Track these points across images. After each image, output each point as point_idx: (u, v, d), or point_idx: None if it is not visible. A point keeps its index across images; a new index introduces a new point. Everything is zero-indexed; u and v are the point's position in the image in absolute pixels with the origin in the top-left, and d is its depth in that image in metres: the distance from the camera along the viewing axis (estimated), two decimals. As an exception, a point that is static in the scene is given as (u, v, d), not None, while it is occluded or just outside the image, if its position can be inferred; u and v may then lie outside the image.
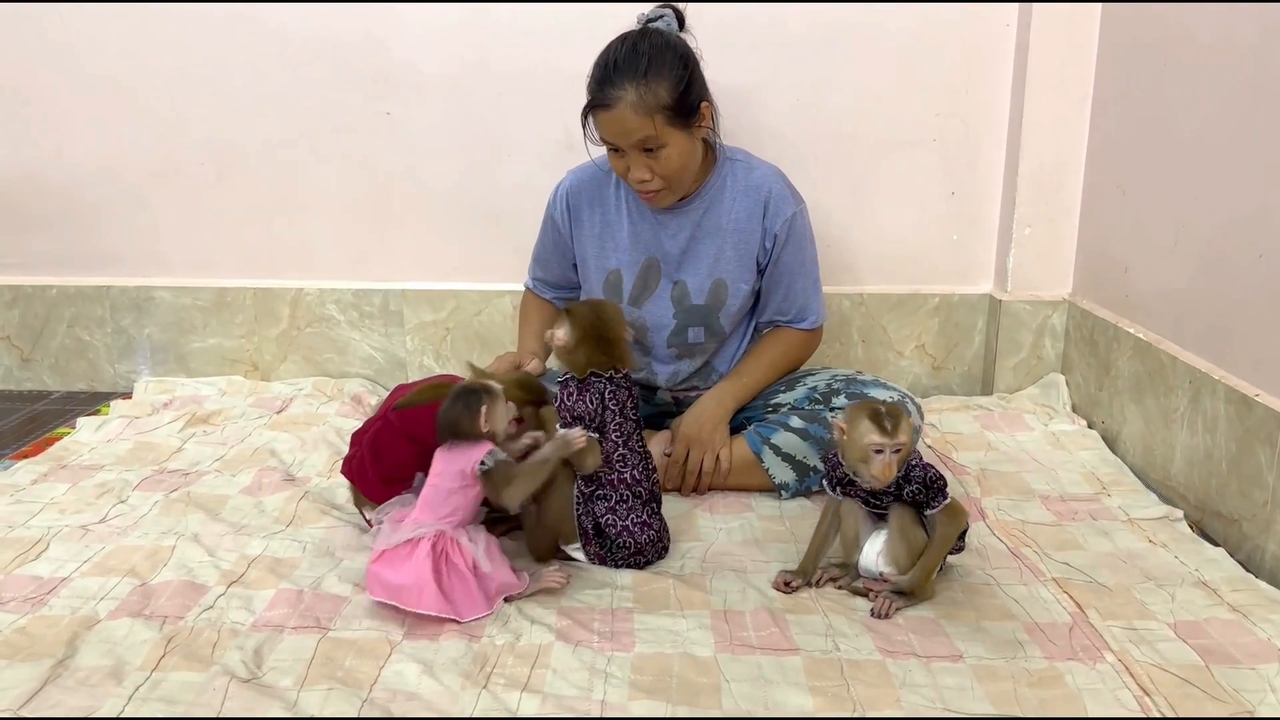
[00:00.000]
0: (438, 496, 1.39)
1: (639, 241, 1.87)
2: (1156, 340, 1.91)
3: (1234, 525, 1.62)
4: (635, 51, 1.68)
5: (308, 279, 2.50)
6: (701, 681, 1.24)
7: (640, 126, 1.66)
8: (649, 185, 1.74)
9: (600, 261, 1.90)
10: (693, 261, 1.86)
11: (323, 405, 2.31)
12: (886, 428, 1.36)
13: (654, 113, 1.66)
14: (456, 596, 1.35)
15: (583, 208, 1.90)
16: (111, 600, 1.41)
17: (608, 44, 1.73)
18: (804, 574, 1.48)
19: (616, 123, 1.67)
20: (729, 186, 1.85)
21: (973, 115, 2.33)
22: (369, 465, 1.57)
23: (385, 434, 1.58)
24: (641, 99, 1.65)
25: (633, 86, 1.65)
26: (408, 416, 1.55)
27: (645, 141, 1.68)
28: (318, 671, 1.25)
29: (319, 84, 2.36)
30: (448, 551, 1.36)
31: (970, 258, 2.42)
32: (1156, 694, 1.20)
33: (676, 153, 1.72)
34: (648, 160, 1.71)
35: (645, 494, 1.53)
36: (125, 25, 2.34)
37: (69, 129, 2.42)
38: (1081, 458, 1.98)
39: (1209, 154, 1.75)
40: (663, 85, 1.66)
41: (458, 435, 1.40)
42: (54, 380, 2.56)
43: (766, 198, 1.84)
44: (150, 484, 1.85)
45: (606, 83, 1.67)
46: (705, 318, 1.88)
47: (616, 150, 1.73)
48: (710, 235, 1.85)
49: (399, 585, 1.35)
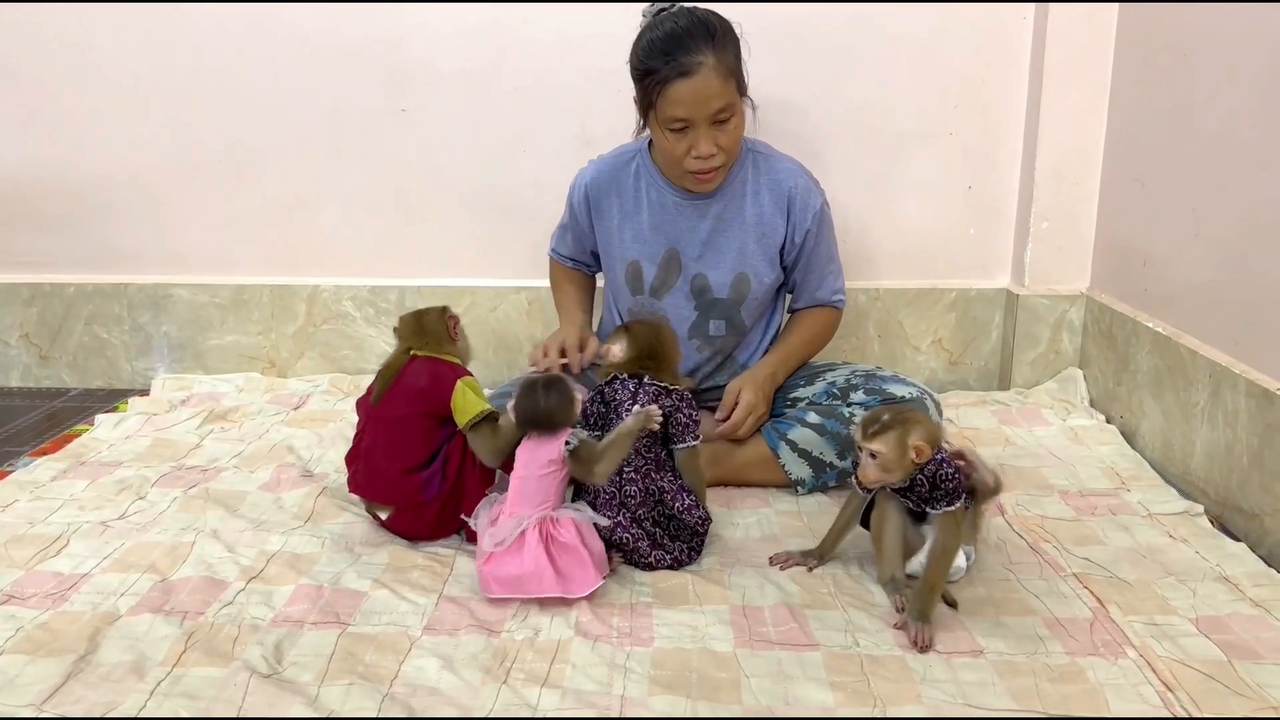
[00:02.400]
0: (528, 487, 1.44)
1: (660, 233, 1.86)
2: (1176, 334, 1.90)
3: (1255, 520, 1.61)
4: (698, 19, 1.67)
5: (324, 276, 2.50)
6: (721, 676, 1.24)
7: (723, 92, 1.65)
8: (714, 160, 1.72)
9: (621, 252, 1.90)
10: (715, 254, 1.85)
11: (339, 402, 2.32)
12: (865, 430, 1.37)
13: (730, 77, 1.66)
14: (573, 574, 1.39)
15: (603, 199, 1.90)
16: (132, 596, 1.42)
17: (648, 26, 1.71)
18: (818, 556, 1.51)
19: (700, 90, 1.64)
20: (751, 179, 1.85)
21: (990, 108, 2.31)
22: (383, 465, 1.58)
23: (384, 429, 1.59)
24: (720, 61, 1.64)
25: (710, 51, 1.63)
26: (390, 400, 1.59)
27: (722, 111, 1.67)
28: (338, 667, 1.25)
29: (336, 83, 2.36)
30: (553, 534, 1.40)
31: (988, 252, 2.41)
32: (1179, 689, 1.19)
33: (740, 123, 1.72)
34: (716, 133, 1.69)
35: (635, 507, 1.49)
36: (143, 26, 2.35)
37: (87, 128, 2.43)
38: (1100, 452, 1.97)
39: (1229, 145, 1.74)
40: (731, 50, 1.67)
41: (554, 426, 1.46)
42: (72, 378, 2.57)
43: (791, 192, 1.83)
44: (169, 480, 1.85)
45: (681, 50, 1.63)
46: (727, 311, 1.87)
47: (683, 128, 1.69)
48: (733, 228, 1.85)
49: (517, 576, 1.38)
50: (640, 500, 1.48)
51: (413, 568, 1.51)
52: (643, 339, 1.59)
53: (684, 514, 1.50)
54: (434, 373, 1.60)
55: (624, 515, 1.48)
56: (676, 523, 1.51)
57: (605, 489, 1.49)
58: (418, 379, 1.59)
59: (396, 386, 1.60)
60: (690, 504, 1.51)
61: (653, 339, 1.59)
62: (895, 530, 1.44)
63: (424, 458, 1.57)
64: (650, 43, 1.68)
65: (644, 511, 1.48)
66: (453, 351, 1.66)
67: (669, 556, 1.50)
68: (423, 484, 1.56)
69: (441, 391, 1.57)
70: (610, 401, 1.55)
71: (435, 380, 1.58)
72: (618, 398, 1.54)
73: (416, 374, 1.60)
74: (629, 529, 1.47)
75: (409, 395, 1.59)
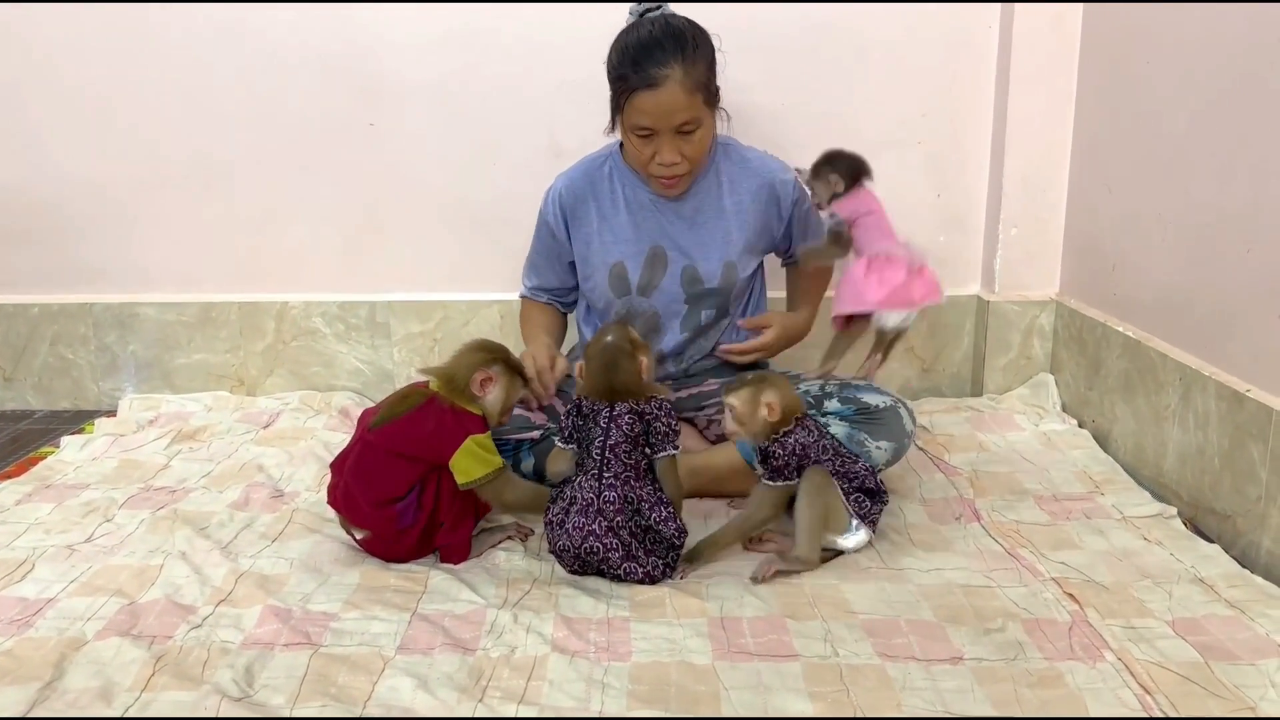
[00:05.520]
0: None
1: (641, 231, 1.87)
2: (1145, 338, 1.91)
3: (1228, 521, 1.62)
4: (672, 30, 1.67)
5: (293, 292, 2.48)
6: (700, 690, 1.23)
7: (688, 105, 1.66)
8: (677, 169, 1.73)
9: (602, 256, 1.89)
10: (701, 246, 1.86)
11: (310, 419, 2.29)
12: (726, 387, 1.58)
13: (696, 91, 1.66)
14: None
15: (577, 206, 1.89)
16: (99, 620, 1.39)
17: (627, 29, 1.72)
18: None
19: (664, 102, 1.65)
20: (724, 170, 1.87)
21: (957, 117, 2.33)
22: (357, 492, 1.55)
23: (369, 457, 1.55)
24: (688, 75, 1.64)
25: (679, 64, 1.64)
26: (387, 433, 1.54)
27: (686, 124, 1.68)
28: (310, 689, 1.23)
29: (304, 95, 2.34)
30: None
31: (957, 258, 2.42)
32: (1158, 692, 1.19)
33: (707, 134, 1.73)
34: (679, 143, 1.70)
35: (613, 515, 1.47)
36: (106, 35, 2.32)
37: (50, 142, 2.40)
38: (1073, 457, 1.98)
39: (1195, 149, 1.75)
40: (702, 63, 1.67)
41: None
42: (37, 399, 2.53)
43: (771, 184, 1.87)
44: (137, 502, 1.82)
45: (649, 62, 1.64)
46: (718, 299, 1.89)
47: (648, 135, 1.70)
48: (713, 219, 1.86)
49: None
50: (618, 508, 1.47)
51: (385, 587, 1.49)
52: (600, 366, 1.52)
53: (660, 525, 1.49)
54: (441, 423, 1.52)
55: (599, 523, 1.46)
56: (653, 535, 1.49)
57: (583, 495, 1.47)
58: (423, 424, 1.52)
59: (402, 421, 1.53)
60: (666, 515, 1.49)
61: (610, 366, 1.51)
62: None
63: (400, 493, 1.52)
64: (624, 49, 1.68)
65: (621, 520, 1.47)
66: (479, 405, 1.58)
67: (640, 569, 1.48)
68: (397, 515, 1.52)
69: (440, 446, 1.51)
70: (588, 414, 1.53)
71: (439, 432, 1.51)
72: (596, 407, 1.52)
73: (424, 418, 1.52)
74: (602, 538, 1.46)
75: (404, 437, 1.52)
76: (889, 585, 1.47)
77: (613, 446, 1.48)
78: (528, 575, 1.53)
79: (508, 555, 1.59)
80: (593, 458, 1.49)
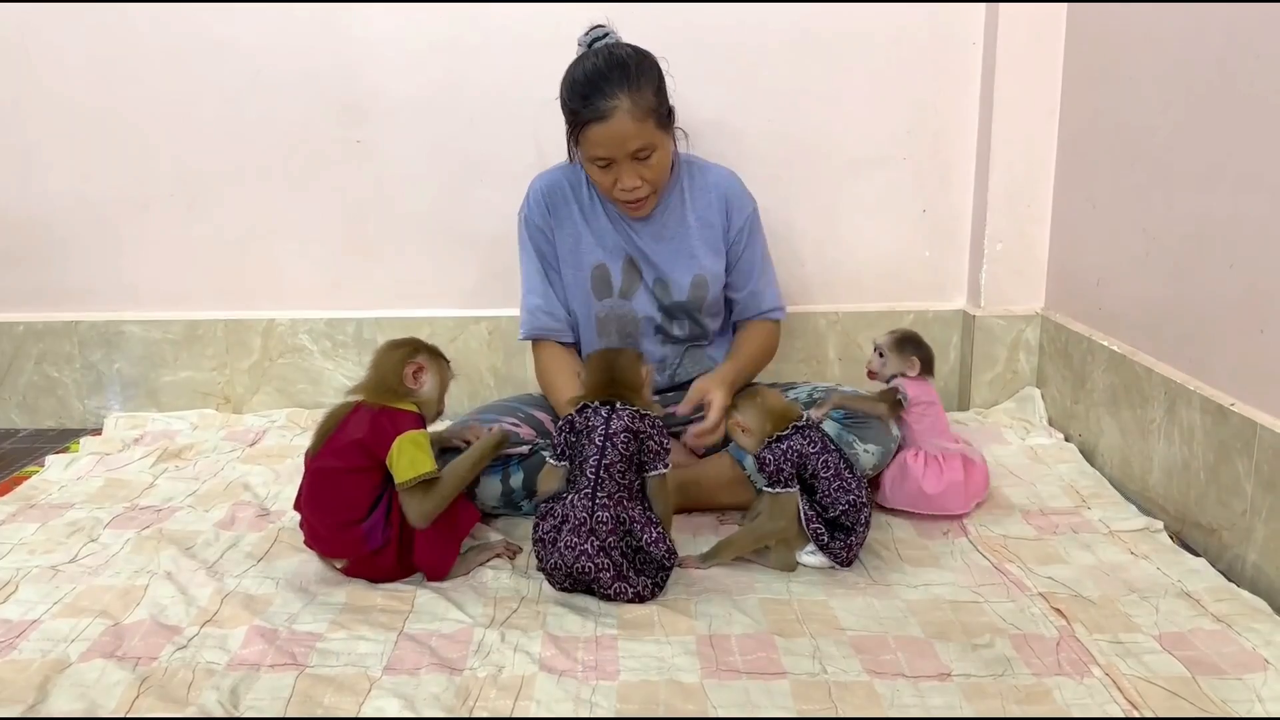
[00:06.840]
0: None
1: (619, 238, 1.89)
2: (1130, 352, 1.92)
3: (1214, 535, 1.62)
4: (615, 60, 1.69)
5: (280, 309, 2.47)
6: (688, 708, 1.22)
7: (638, 133, 1.68)
8: (639, 192, 1.76)
9: (584, 258, 1.90)
10: (670, 260, 1.88)
11: (296, 437, 2.28)
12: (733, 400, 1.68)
13: (646, 117, 1.68)
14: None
15: (560, 205, 1.90)
16: (83, 642, 1.38)
17: (574, 62, 1.74)
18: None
19: (614, 133, 1.68)
20: (688, 186, 1.90)
21: (942, 133, 2.34)
22: (316, 521, 1.54)
23: (316, 483, 1.53)
24: (635, 104, 1.66)
25: (625, 94, 1.66)
26: (325, 454, 1.53)
27: (641, 149, 1.70)
28: (297, 709, 1.23)
29: (289, 112, 2.34)
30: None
31: (943, 274, 2.43)
32: (1145, 707, 1.20)
33: (664, 155, 1.75)
34: (638, 168, 1.72)
35: (605, 535, 1.46)
36: (93, 54, 2.32)
37: (35, 160, 2.39)
38: (1060, 470, 1.99)
39: (1177, 165, 1.77)
40: (649, 89, 1.69)
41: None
42: (22, 418, 2.52)
43: (727, 193, 1.90)
44: (122, 521, 1.81)
45: (596, 95, 1.67)
46: (689, 312, 1.91)
47: (606, 165, 1.73)
48: (680, 235, 1.88)
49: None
50: (610, 528, 1.46)
51: (371, 607, 1.48)
52: (603, 363, 1.60)
53: (650, 546, 1.48)
54: (376, 424, 1.51)
55: (591, 543, 1.46)
56: (643, 555, 1.49)
57: (576, 514, 1.47)
58: (356, 429, 1.52)
59: (334, 436, 1.53)
60: (657, 536, 1.49)
61: (612, 363, 1.60)
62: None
63: (360, 512, 1.51)
64: (571, 84, 1.72)
65: (613, 540, 1.47)
66: (413, 400, 1.59)
67: (630, 590, 1.47)
68: (363, 536, 1.51)
69: (378, 446, 1.50)
70: (581, 430, 1.53)
71: (374, 433, 1.50)
72: (590, 423, 1.52)
73: (356, 424, 1.52)
74: (594, 558, 1.46)
75: (339, 448, 1.51)
76: (877, 601, 1.47)
77: (607, 466, 1.48)
78: (515, 593, 1.52)
79: (495, 573, 1.58)
80: (586, 476, 1.49)
